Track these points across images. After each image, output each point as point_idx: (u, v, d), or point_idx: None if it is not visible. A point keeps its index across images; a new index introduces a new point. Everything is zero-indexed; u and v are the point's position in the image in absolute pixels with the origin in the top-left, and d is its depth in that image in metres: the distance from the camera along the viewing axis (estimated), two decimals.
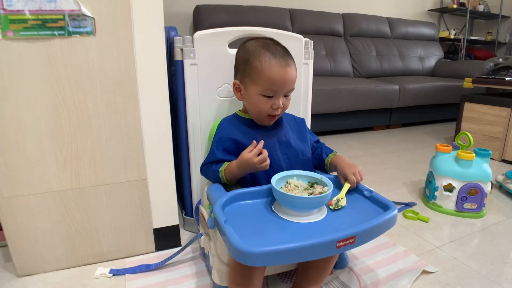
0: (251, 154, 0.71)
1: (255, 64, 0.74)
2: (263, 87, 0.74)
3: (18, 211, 0.79)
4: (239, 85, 0.80)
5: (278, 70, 0.73)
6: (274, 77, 0.73)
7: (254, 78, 0.75)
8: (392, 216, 0.65)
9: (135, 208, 0.90)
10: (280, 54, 0.75)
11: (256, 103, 0.77)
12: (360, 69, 2.85)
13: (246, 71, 0.77)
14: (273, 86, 0.74)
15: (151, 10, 0.79)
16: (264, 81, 0.74)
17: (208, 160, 0.81)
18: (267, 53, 0.74)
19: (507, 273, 0.87)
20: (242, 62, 0.78)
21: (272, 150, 0.79)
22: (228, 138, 0.79)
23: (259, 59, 0.74)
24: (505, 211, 1.22)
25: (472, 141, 1.20)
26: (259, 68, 0.74)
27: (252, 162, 0.71)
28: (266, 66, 0.73)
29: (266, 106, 0.76)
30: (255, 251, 0.53)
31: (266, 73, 0.73)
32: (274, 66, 0.73)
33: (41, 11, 0.70)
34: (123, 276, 0.84)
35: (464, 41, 3.52)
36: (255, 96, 0.76)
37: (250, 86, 0.77)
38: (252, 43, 0.78)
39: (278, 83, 0.74)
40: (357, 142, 2.21)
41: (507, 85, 1.85)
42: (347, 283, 0.81)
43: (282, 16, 2.61)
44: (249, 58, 0.76)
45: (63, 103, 0.77)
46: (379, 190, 0.77)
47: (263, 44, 0.76)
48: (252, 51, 0.76)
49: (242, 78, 0.79)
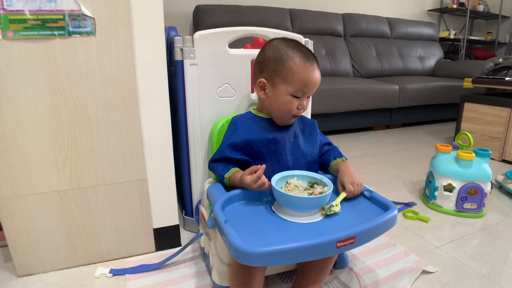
0: (250, 180, 0.69)
1: (289, 64, 0.74)
2: (295, 87, 0.75)
3: (18, 211, 0.79)
4: (265, 83, 0.79)
5: (311, 73, 0.75)
6: (307, 78, 0.75)
7: (287, 78, 0.75)
8: (392, 216, 0.65)
9: (135, 208, 0.90)
10: (312, 57, 0.76)
11: (285, 102, 0.77)
12: (360, 69, 2.85)
13: (277, 70, 0.76)
14: (305, 87, 0.75)
15: (151, 10, 0.79)
16: (297, 82, 0.74)
17: (216, 156, 0.80)
18: (302, 55, 0.75)
19: (507, 273, 0.87)
20: (273, 61, 0.77)
21: (282, 150, 0.79)
22: (239, 136, 0.79)
23: (293, 59, 0.74)
24: (505, 211, 1.22)
25: (472, 141, 1.20)
26: (294, 68, 0.74)
27: (252, 188, 0.70)
28: (301, 67, 0.74)
29: (293, 106, 0.77)
30: (255, 251, 0.53)
31: (300, 74, 0.74)
32: (308, 68, 0.74)
33: (41, 11, 0.70)
34: (123, 276, 0.84)
35: (464, 41, 3.52)
36: (284, 96, 0.76)
37: (280, 85, 0.76)
38: (282, 42, 0.78)
39: (310, 85, 0.75)
40: (357, 142, 2.21)
41: (507, 85, 1.85)
42: (347, 283, 0.81)
43: (282, 16, 2.61)
44: (282, 57, 0.75)
45: (63, 103, 0.77)
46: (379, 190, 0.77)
47: (295, 46, 0.77)
48: (285, 51, 0.76)
49: (271, 77, 0.77)
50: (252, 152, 0.78)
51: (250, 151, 0.78)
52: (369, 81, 2.50)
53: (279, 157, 0.79)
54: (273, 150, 0.79)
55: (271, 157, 0.79)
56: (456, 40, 3.60)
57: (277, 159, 0.79)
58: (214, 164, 0.81)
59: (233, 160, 0.78)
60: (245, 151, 0.78)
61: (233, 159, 0.78)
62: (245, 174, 0.71)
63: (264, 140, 0.78)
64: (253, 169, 0.70)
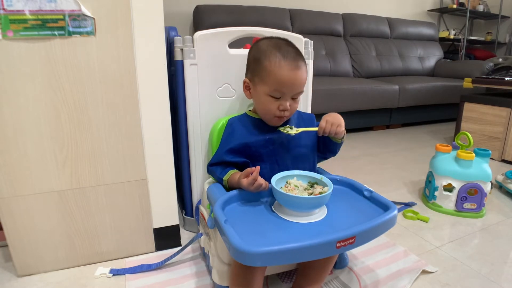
0: (246, 183, 0.69)
1: (265, 64, 0.74)
2: (271, 87, 0.74)
3: (18, 211, 0.79)
4: (249, 83, 0.80)
5: (288, 72, 0.73)
6: (283, 78, 0.73)
7: (263, 78, 0.75)
8: (392, 216, 0.65)
9: (135, 208, 0.90)
10: (291, 56, 0.74)
11: (264, 102, 0.77)
12: (360, 69, 2.85)
13: (256, 70, 0.77)
14: (281, 88, 0.74)
15: (151, 10, 0.79)
16: (272, 82, 0.74)
17: (214, 160, 0.80)
18: (278, 53, 0.74)
19: (507, 273, 0.87)
20: (253, 61, 0.78)
21: (280, 149, 0.79)
22: (236, 139, 0.79)
23: (269, 59, 0.74)
24: (505, 211, 1.22)
25: (472, 141, 1.20)
26: (269, 68, 0.73)
27: (249, 190, 0.70)
28: (276, 67, 0.73)
29: (273, 107, 0.76)
30: (255, 251, 0.53)
31: (276, 74, 0.73)
32: (284, 67, 0.73)
33: (41, 11, 0.70)
34: (123, 276, 0.84)
35: (464, 41, 3.52)
36: (263, 96, 0.76)
37: (259, 85, 0.77)
38: (265, 42, 0.78)
39: (287, 84, 0.73)
40: (357, 142, 2.21)
41: (507, 85, 1.85)
42: (347, 283, 0.81)
43: (282, 16, 2.61)
44: (260, 57, 0.75)
45: (63, 103, 0.77)
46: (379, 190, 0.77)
47: (275, 45, 0.76)
48: (264, 51, 0.75)
49: (252, 76, 0.78)
50: (250, 153, 0.78)
51: (248, 153, 0.78)
52: (369, 81, 2.50)
53: (277, 157, 0.79)
54: (270, 150, 0.79)
55: (269, 157, 0.79)
56: (456, 40, 3.60)
57: (275, 159, 0.79)
58: (212, 168, 0.81)
59: (231, 163, 0.78)
60: (243, 153, 0.78)
61: (230, 162, 0.78)
62: (241, 177, 0.71)
63: (261, 141, 0.78)
64: (248, 172, 0.70)
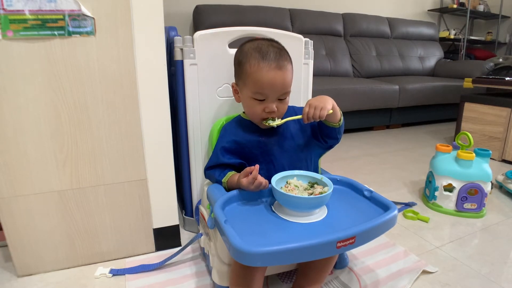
0: (246, 183, 0.69)
1: (245, 67, 0.74)
2: (252, 90, 0.73)
3: (18, 211, 0.79)
4: (236, 87, 0.80)
5: (267, 73, 0.71)
6: (262, 79, 0.71)
7: (245, 81, 0.75)
8: (392, 217, 0.65)
9: (135, 208, 0.90)
10: (271, 57, 0.72)
11: (249, 106, 0.76)
12: (360, 69, 2.85)
13: (238, 74, 0.77)
14: (261, 89, 0.72)
15: (151, 10, 0.79)
16: (252, 84, 0.73)
17: (211, 163, 0.81)
18: (257, 55, 0.72)
19: (507, 273, 0.87)
20: (237, 64, 0.77)
21: (274, 150, 0.79)
22: (231, 140, 0.79)
23: (249, 62, 0.73)
24: (505, 211, 1.22)
25: (472, 141, 1.20)
26: (248, 71, 0.73)
27: (250, 189, 0.70)
28: (254, 69, 0.72)
29: (259, 110, 0.75)
30: (255, 251, 0.53)
31: (254, 76, 0.72)
32: (262, 69, 0.71)
33: (41, 11, 0.70)
34: (123, 276, 0.84)
35: (464, 41, 3.52)
36: (248, 100, 0.76)
37: (243, 89, 0.76)
38: (248, 45, 0.77)
39: (266, 86, 0.72)
40: (357, 142, 2.21)
41: (507, 85, 1.85)
42: (347, 283, 0.81)
43: (282, 16, 2.61)
44: (242, 60, 0.75)
45: (63, 103, 0.77)
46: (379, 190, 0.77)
47: (256, 47, 0.74)
48: (245, 54, 0.75)
49: (237, 80, 0.79)
50: (244, 154, 0.79)
51: (242, 153, 0.78)
52: (369, 81, 2.50)
53: (271, 157, 0.79)
54: (265, 150, 0.79)
55: (264, 157, 0.78)
56: (456, 40, 3.60)
57: (270, 159, 0.79)
58: (209, 171, 0.81)
59: (228, 165, 0.79)
60: (237, 153, 0.78)
61: (227, 164, 0.78)
62: (241, 177, 0.71)
63: (254, 142, 0.78)
64: (248, 171, 0.70)
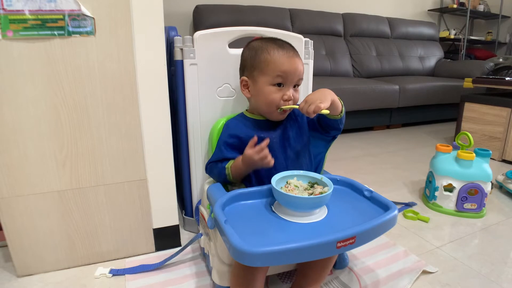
0: (252, 151, 0.71)
1: (264, 55, 0.77)
2: (273, 75, 0.76)
3: (18, 211, 0.79)
4: (247, 81, 0.80)
5: (287, 59, 0.76)
6: (284, 63, 0.75)
7: (263, 69, 0.76)
8: (392, 217, 0.65)
9: (135, 208, 0.90)
10: (287, 47, 0.78)
11: (267, 94, 0.77)
12: (360, 69, 2.85)
13: (254, 65, 0.78)
14: (282, 73, 0.75)
15: (151, 10, 0.79)
16: (273, 69, 0.75)
17: (214, 158, 0.81)
18: (274, 45, 0.77)
19: (507, 273, 0.87)
20: (249, 58, 0.79)
21: (275, 148, 0.79)
22: (234, 136, 0.80)
23: (267, 50, 0.77)
24: (505, 211, 1.22)
25: (472, 141, 1.20)
26: (268, 58, 0.76)
27: (254, 159, 0.71)
28: (275, 55, 0.76)
29: (277, 97, 0.77)
30: (255, 251, 0.52)
31: (276, 61, 0.75)
32: (282, 55, 0.76)
33: (41, 11, 0.70)
34: (123, 276, 0.84)
35: (464, 41, 3.52)
36: (265, 87, 0.77)
37: (259, 78, 0.78)
38: (258, 41, 0.81)
39: (287, 70, 0.75)
40: (357, 142, 2.21)
41: (507, 85, 1.85)
42: (347, 283, 0.81)
43: (282, 16, 2.61)
44: (257, 52, 0.78)
45: (63, 103, 0.77)
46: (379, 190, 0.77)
47: (269, 39, 0.80)
48: (259, 47, 0.78)
49: (250, 72, 0.79)
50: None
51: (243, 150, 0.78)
52: (369, 81, 2.50)
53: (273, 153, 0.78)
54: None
55: None
56: (456, 40, 3.60)
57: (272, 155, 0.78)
58: (211, 165, 0.81)
59: (231, 160, 0.79)
60: (240, 149, 0.78)
61: (231, 158, 0.78)
62: (247, 149, 0.72)
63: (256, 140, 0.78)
64: (254, 141, 0.72)
